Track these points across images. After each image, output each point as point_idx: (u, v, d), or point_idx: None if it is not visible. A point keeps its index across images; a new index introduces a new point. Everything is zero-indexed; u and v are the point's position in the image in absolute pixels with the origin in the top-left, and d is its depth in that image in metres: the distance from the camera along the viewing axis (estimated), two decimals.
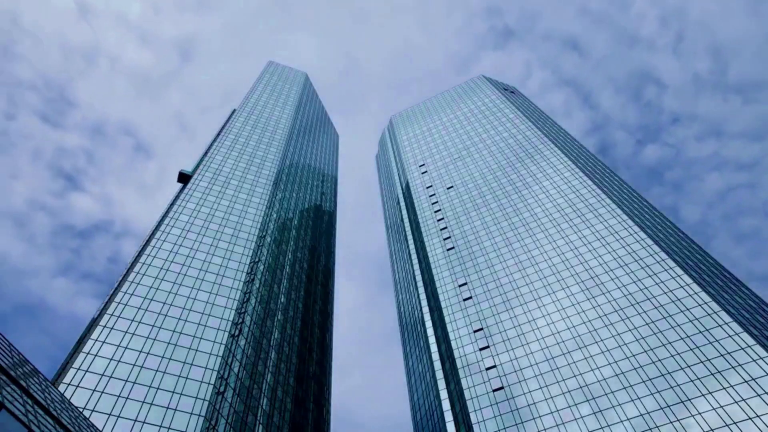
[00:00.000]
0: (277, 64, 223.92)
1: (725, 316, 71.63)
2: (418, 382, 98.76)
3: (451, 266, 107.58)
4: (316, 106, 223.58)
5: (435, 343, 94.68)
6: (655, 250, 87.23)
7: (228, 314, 78.22)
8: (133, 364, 64.39)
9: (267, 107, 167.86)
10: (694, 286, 77.98)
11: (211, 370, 67.90)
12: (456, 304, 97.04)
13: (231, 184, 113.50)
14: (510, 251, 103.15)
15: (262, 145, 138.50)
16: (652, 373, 69.35)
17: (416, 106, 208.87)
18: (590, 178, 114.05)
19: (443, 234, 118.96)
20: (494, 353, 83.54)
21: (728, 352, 67.02)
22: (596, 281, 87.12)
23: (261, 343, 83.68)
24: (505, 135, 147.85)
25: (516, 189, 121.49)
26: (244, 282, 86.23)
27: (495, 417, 73.82)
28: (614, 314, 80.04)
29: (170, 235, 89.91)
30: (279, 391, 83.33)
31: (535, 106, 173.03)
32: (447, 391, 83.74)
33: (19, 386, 27.63)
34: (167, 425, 58.77)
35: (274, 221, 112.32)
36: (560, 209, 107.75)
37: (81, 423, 36.48)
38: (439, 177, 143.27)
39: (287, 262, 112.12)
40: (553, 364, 77.37)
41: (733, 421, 59.55)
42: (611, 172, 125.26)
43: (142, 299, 74.69)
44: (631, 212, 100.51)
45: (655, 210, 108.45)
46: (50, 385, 36.70)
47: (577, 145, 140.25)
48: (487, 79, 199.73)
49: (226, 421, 64.44)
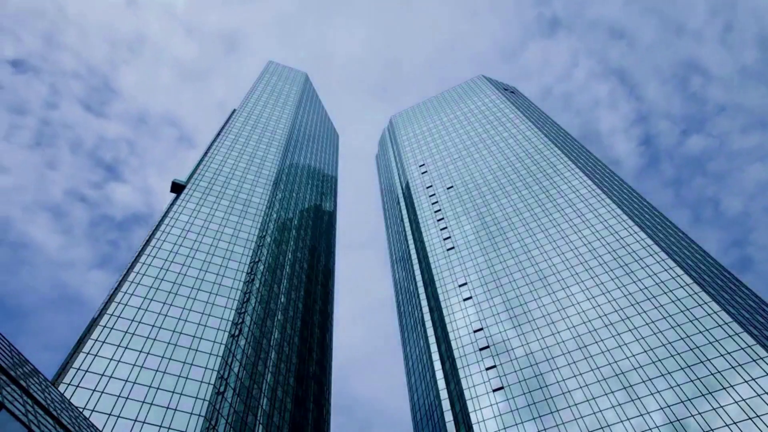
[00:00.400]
0: (277, 64, 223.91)
1: (725, 316, 71.64)
2: (418, 382, 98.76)
3: (451, 266, 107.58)
4: (316, 105, 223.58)
5: (435, 343, 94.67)
6: (655, 250, 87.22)
7: (228, 314, 78.21)
8: (133, 364, 64.38)
9: (267, 107, 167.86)
10: (694, 286, 77.98)
11: (211, 370, 67.90)
12: (456, 304, 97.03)
13: (231, 184, 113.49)
14: (510, 251, 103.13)
15: (262, 145, 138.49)
16: (652, 373, 69.35)
17: (416, 106, 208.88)
18: (590, 178, 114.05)
19: (443, 234, 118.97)
20: (494, 353, 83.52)
21: (728, 352, 67.02)
22: (596, 281, 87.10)
23: (261, 343, 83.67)
24: (505, 135, 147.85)
25: (516, 189, 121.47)
26: (244, 282, 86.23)
27: (495, 417, 73.82)
28: (614, 314, 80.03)
29: (170, 235, 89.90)
30: (279, 391, 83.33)
31: (535, 106, 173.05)
32: (447, 391, 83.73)
33: (19, 386, 27.62)
34: (167, 425, 58.76)
35: (274, 221, 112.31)
36: (560, 209, 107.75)
37: (81, 423, 36.48)
38: (439, 177, 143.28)
39: (287, 262, 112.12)
40: (553, 364, 77.37)
41: (733, 421, 59.55)
42: (611, 171, 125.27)
43: (142, 299, 74.69)
44: (631, 212, 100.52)
45: (656, 210, 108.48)
46: (50, 385, 36.69)
47: (577, 145, 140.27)
48: (487, 79, 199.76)
49: (226, 421, 64.43)
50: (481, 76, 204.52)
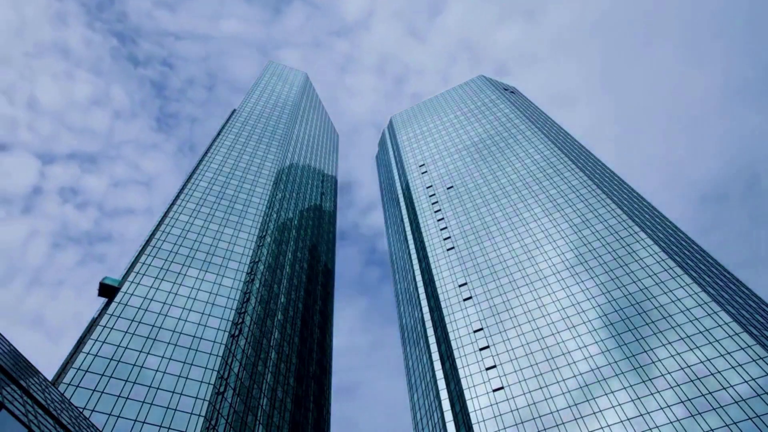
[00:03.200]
0: (277, 64, 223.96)
1: (725, 316, 71.65)
2: (418, 382, 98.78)
3: (451, 266, 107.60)
4: (316, 105, 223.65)
5: (435, 343, 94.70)
6: (655, 250, 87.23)
7: (228, 314, 78.23)
8: (133, 364, 64.41)
9: (267, 107, 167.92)
10: (694, 286, 77.99)
11: (211, 370, 67.92)
12: (456, 304, 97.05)
13: (231, 184, 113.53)
14: (510, 251, 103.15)
15: (262, 145, 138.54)
16: (652, 373, 69.36)
17: (416, 106, 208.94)
18: (590, 178, 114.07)
19: (443, 234, 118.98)
20: (494, 353, 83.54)
21: (728, 352, 67.04)
22: (596, 281, 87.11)
23: (261, 343, 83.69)
24: (504, 135, 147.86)
25: (516, 189, 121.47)
26: (244, 282, 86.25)
27: (495, 417, 73.83)
28: (614, 314, 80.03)
29: (170, 235, 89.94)
30: (279, 391, 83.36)
31: (534, 106, 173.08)
32: (447, 391, 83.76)
33: (19, 386, 27.64)
34: (167, 425, 58.80)
35: (274, 221, 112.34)
36: (560, 209, 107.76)
37: (81, 423, 36.49)
38: (439, 177, 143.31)
39: (287, 262, 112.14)
40: (553, 364, 77.36)
41: (733, 421, 59.58)
42: (611, 172, 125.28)
43: (142, 299, 74.69)
44: (631, 212, 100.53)
45: (655, 210, 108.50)
46: (50, 385, 36.71)
47: (577, 144, 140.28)
48: (487, 79, 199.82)
49: (226, 421, 64.46)
50: (481, 76, 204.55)
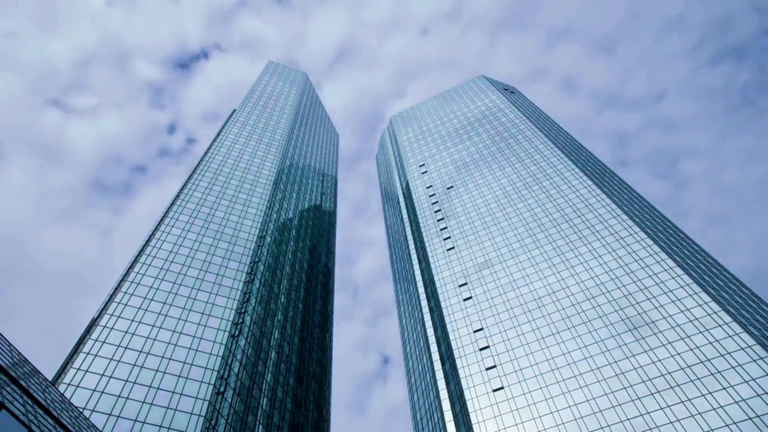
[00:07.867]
0: (277, 64, 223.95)
1: (725, 316, 71.65)
2: (418, 382, 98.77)
3: (451, 266, 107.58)
4: (316, 105, 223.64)
5: (435, 343, 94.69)
6: (656, 250, 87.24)
7: (228, 314, 78.23)
8: (133, 364, 64.41)
9: (267, 107, 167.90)
10: (694, 286, 77.99)
11: (211, 370, 67.92)
12: (456, 304, 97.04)
13: (231, 184, 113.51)
14: (510, 251, 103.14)
15: (262, 145, 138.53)
16: (652, 373, 69.37)
17: (416, 106, 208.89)
18: (590, 177, 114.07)
19: (443, 234, 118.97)
20: (494, 353, 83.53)
21: (728, 352, 67.04)
22: (596, 281, 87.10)
23: (261, 343, 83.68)
24: (505, 135, 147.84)
25: (516, 189, 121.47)
26: (244, 282, 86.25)
27: (495, 417, 73.82)
28: (614, 314, 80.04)
29: (170, 235, 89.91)
30: (279, 391, 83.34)
31: (534, 106, 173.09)
32: (447, 391, 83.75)
33: (19, 386, 27.63)
34: (167, 425, 58.79)
35: (274, 221, 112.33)
36: (560, 209, 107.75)
37: (81, 423, 36.48)
38: (439, 177, 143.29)
39: (287, 262, 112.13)
40: (553, 364, 77.36)
41: (733, 421, 59.56)
42: (611, 172, 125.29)
43: (142, 299, 74.70)
44: (631, 212, 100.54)
45: (656, 210, 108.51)
46: (50, 385, 36.69)
47: (576, 144, 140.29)
48: (487, 79, 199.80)
49: (226, 421, 64.45)
50: (481, 76, 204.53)
